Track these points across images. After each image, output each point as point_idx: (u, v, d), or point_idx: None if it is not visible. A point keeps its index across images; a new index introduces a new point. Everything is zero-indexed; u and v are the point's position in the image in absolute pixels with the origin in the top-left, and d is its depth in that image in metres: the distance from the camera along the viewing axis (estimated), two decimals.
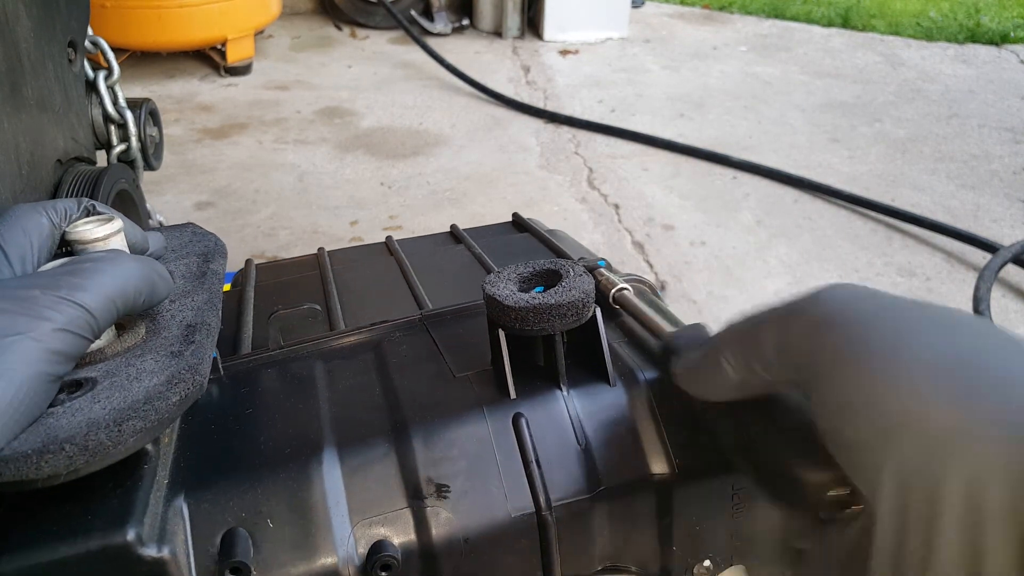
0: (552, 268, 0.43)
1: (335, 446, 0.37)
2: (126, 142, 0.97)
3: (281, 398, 0.42)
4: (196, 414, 0.40)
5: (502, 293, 0.40)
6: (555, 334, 0.40)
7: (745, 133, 2.61)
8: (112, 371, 0.34)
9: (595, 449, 0.40)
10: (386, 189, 2.18)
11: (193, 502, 0.34)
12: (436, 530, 0.37)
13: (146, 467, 0.34)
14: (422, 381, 0.43)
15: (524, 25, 3.65)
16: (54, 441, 0.28)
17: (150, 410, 0.31)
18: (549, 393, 0.41)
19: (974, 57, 3.46)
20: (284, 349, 0.47)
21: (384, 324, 0.50)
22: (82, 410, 0.30)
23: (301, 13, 3.93)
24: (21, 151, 0.66)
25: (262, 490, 0.35)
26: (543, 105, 2.80)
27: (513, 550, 0.38)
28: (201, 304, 0.40)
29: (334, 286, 0.69)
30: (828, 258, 1.88)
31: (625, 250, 1.90)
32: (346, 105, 2.78)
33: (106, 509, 0.31)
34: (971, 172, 2.35)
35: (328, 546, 0.35)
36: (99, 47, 0.96)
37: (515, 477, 0.38)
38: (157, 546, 0.31)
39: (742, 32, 3.82)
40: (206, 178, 2.22)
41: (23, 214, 0.37)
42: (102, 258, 0.35)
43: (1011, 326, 1.63)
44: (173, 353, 0.35)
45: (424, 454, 0.38)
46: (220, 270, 0.45)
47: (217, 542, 0.34)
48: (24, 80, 0.67)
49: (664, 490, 0.40)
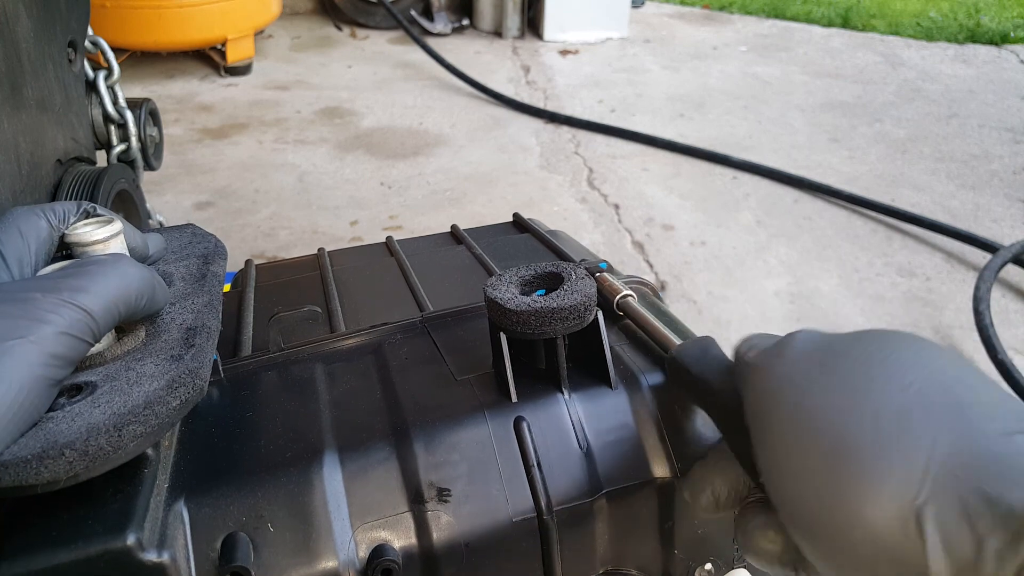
0: (554, 271, 0.43)
1: (336, 450, 0.37)
2: (126, 142, 0.97)
3: (282, 401, 0.42)
4: (197, 417, 0.40)
5: (504, 296, 0.40)
6: (557, 337, 0.40)
7: (745, 133, 2.61)
8: (112, 375, 0.33)
9: (596, 453, 0.40)
10: (386, 189, 2.17)
11: (193, 506, 0.34)
12: (437, 534, 0.36)
13: (146, 471, 0.34)
14: (423, 384, 0.42)
15: (524, 25, 3.65)
16: (54, 446, 0.28)
17: (150, 415, 0.31)
18: (550, 397, 0.41)
19: (974, 57, 3.46)
20: (284, 351, 0.47)
21: (385, 326, 0.49)
22: (82, 415, 0.30)
23: (301, 13, 3.92)
24: (21, 151, 0.65)
25: (263, 494, 0.35)
26: (543, 105, 2.80)
27: (514, 554, 0.38)
28: (201, 307, 0.39)
29: (334, 287, 0.69)
30: (828, 258, 1.88)
31: (625, 250, 1.90)
32: (346, 105, 2.78)
33: (106, 514, 0.31)
34: (971, 172, 2.35)
35: (329, 550, 0.35)
36: (99, 47, 0.96)
37: (516, 481, 0.38)
38: (157, 551, 0.31)
39: (742, 32, 3.82)
40: (206, 178, 2.22)
41: (20, 217, 0.37)
42: (104, 261, 0.35)
43: (1011, 326, 1.63)
44: (173, 357, 0.35)
45: (425, 458, 0.38)
46: (220, 272, 0.45)
47: (218, 546, 0.34)
48: (24, 80, 0.67)
49: (666, 493, 0.40)
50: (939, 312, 1.69)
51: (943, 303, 1.72)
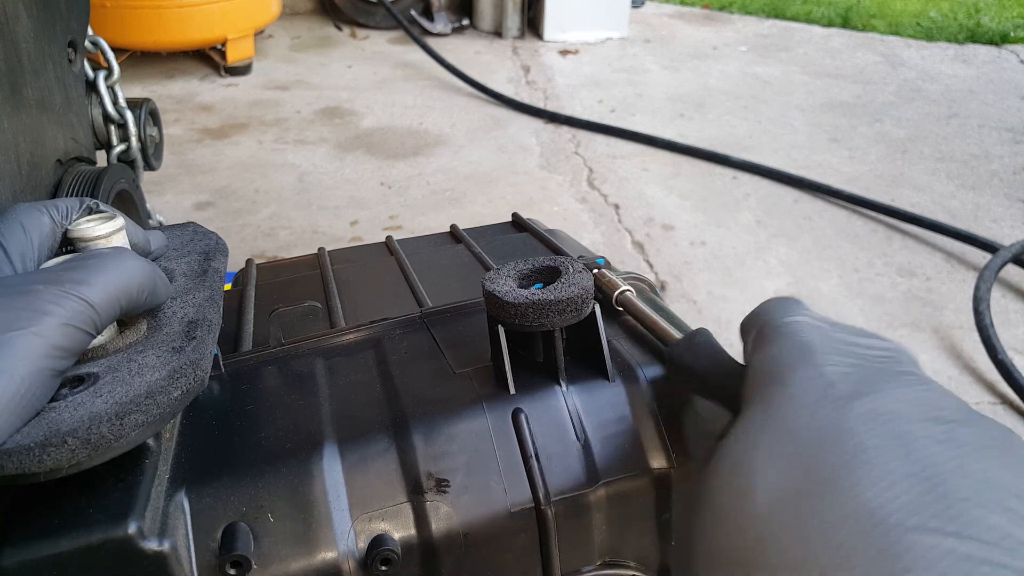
0: (551, 265, 0.43)
1: (336, 441, 0.38)
2: (126, 142, 0.97)
3: (282, 394, 0.42)
4: (197, 410, 0.40)
5: (501, 289, 0.40)
6: (554, 330, 0.40)
7: (745, 133, 2.62)
8: (114, 366, 0.34)
9: (594, 444, 0.40)
10: (386, 189, 2.18)
11: (194, 496, 0.35)
12: (436, 524, 0.37)
13: (147, 461, 0.34)
14: (422, 377, 0.43)
15: (524, 25, 3.65)
16: (56, 434, 0.29)
17: (152, 404, 0.31)
18: (548, 389, 0.41)
19: (974, 57, 3.46)
20: (285, 346, 0.47)
21: (384, 322, 0.50)
22: (84, 404, 0.31)
23: (301, 13, 3.93)
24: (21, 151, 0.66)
25: (263, 485, 0.36)
26: (543, 105, 2.80)
27: (512, 544, 0.38)
28: (202, 301, 0.40)
29: (334, 285, 0.69)
30: (828, 258, 1.88)
31: (625, 250, 1.90)
32: (346, 105, 2.78)
33: (107, 503, 0.31)
34: (971, 172, 2.35)
35: (328, 540, 0.35)
36: (99, 47, 0.97)
37: (514, 472, 0.38)
38: (158, 540, 0.31)
39: (742, 32, 3.82)
40: (206, 178, 2.22)
41: (23, 212, 0.38)
42: (105, 254, 0.35)
43: (1011, 326, 1.63)
44: (174, 349, 0.35)
45: (424, 449, 0.38)
46: (221, 268, 0.45)
47: (218, 536, 0.34)
48: (24, 80, 0.67)
49: (663, 485, 0.40)
50: (939, 312, 1.69)
51: (943, 303, 1.72)
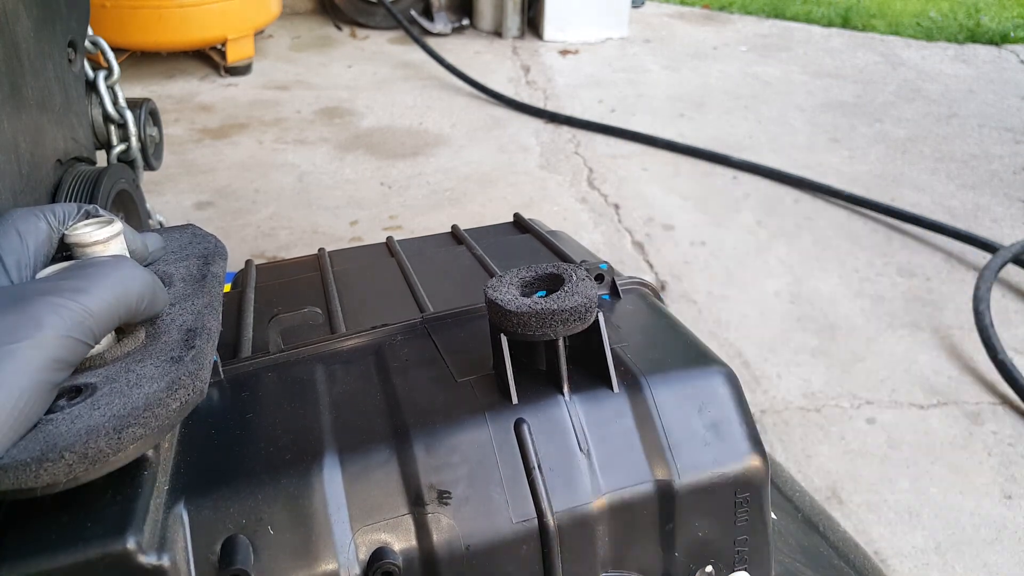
0: (555, 272, 0.43)
1: (336, 452, 0.37)
2: (126, 142, 0.97)
3: (282, 403, 0.42)
4: (196, 419, 0.40)
5: (504, 298, 0.40)
6: (557, 339, 0.40)
7: (745, 133, 2.61)
8: (112, 377, 0.33)
9: (597, 454, 0.39)
10: (386, 189, 2.17)
11: (193, 509, 0.34)
12: (437, 537, 0.36)
13: (146, 473, 0.33)
14: (423, 386, 0.42)
15: (524, 25, 3.65)
16: (53, 449, 0.28)
17: (150, 417, 0.31)
18: (551, 399, 0.41)
19: (974, 57, 3.46)
20: (285, 353, 0.47)
21: (385, 327, 0.49)
22: (82, 417, 0.30)
23: (301, 13, 3.92)
24: (21, 151, 0.65)
25: (263, 496, 0.35)
26: (543, 105, 2.80)
27: (515, 557, 0.38)
28: (201, 308, 0.39)
29: (335, 288, 0.68)
30: (828, 258, 1.88)
31: (625, 250, 1.90)
32: (346, 105, 2.78)
33: (105, 517, 0.31)
34: (971, 172, 2.35)
35: (329, 553, 0.35)
36: (99, 47, 0.96)
37: (517, 483, 0.38)
38: (157, 554, 0.31)
39: (742, 32, 3.82)
40: (206, 178, 2.21)
41: (19, 218, 0.37)
42: (104, 263, 0.34)
43: (1011, 326, 1.63)
44: (173, 358, 0.34)
45: (425, 460, 0.38)
46: (220, 273, 0.45)
47: (217, 549, 0.34)
48: (24, 80, 0.67)
49: (667, 496, 0.40)
50: (939, 312, 1.68)
51: (943, 303, 1.72)
